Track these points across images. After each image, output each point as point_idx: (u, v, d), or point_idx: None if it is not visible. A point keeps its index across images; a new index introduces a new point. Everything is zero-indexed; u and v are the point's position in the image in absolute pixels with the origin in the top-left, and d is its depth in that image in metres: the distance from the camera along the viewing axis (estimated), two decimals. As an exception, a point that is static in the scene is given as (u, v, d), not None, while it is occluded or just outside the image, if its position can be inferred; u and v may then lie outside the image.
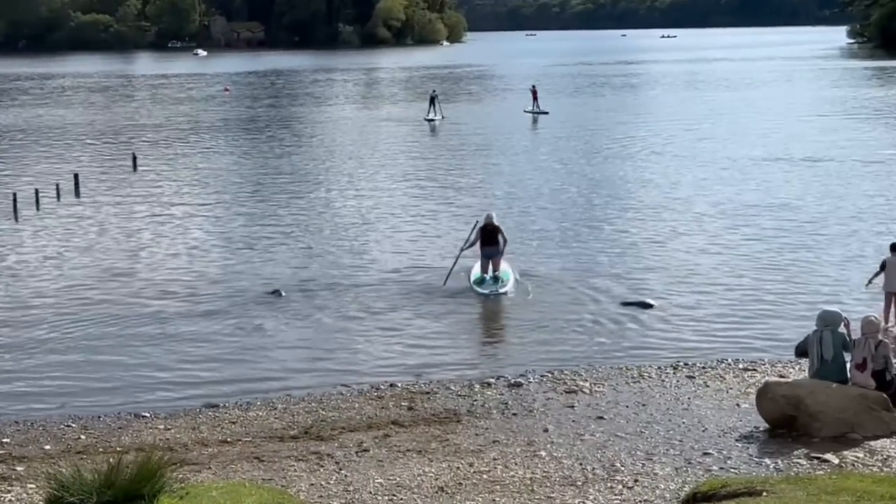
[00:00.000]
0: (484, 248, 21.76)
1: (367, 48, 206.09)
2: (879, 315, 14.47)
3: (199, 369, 17.04)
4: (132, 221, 29.86)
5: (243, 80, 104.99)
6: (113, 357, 17.69)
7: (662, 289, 21.36)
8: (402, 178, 37.77)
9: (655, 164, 39.31)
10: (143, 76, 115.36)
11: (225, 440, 13.58)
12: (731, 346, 17.73)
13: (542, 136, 50.91)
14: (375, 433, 13.54)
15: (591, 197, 32.45)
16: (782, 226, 27.29)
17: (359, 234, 27.56)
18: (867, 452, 12.23)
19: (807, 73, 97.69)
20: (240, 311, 20.32)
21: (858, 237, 25.78)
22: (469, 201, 32.27)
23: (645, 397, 14.88)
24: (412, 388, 15.76)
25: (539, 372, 16.31)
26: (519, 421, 13.96)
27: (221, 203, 32.89)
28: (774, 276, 22.27)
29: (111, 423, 14.53)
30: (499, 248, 21.74)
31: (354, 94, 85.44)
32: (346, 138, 51.13)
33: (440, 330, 19.02)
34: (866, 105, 62.44)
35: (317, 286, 22.09)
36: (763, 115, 57.73)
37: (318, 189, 35.25)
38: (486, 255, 21.71)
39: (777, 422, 13.11)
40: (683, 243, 25.66)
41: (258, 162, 42.87)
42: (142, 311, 20.52)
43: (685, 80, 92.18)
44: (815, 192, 32.33)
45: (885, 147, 42.74)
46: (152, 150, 46.61)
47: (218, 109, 69.78)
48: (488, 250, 21.68)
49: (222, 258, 25.13)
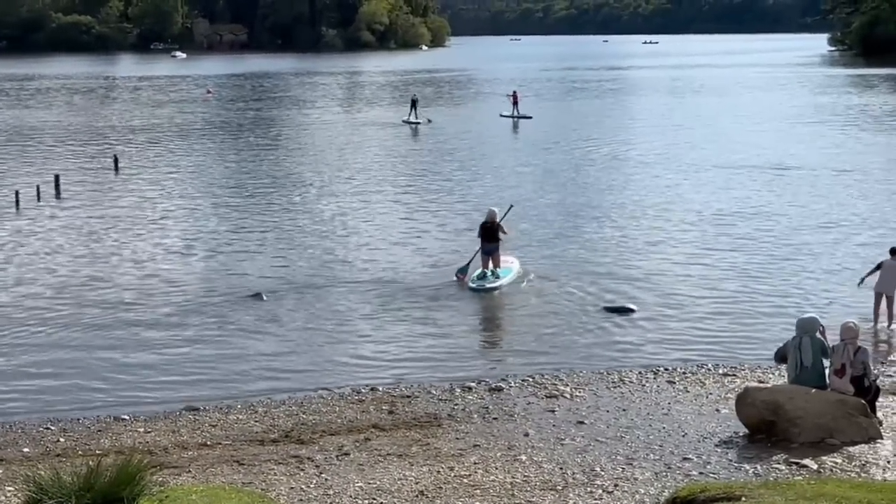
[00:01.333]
0: (483, 245, 22.42)
1: (351, 51, 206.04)
2: (857, 322, 14.49)
3: (179, 372, 16.99)
4: (113, 223, 29.74)
5: (226, 82, 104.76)
6: (92, 360, 17.63)
7: (643, 294, 21.42)
8: (383, 181, 37.79)
9: (636, 170, 39.43)
10: (125, 78, 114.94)
11: (205, 443, 13.55)
12: (712, 351, 17.80)
13: (523, 140, 51.00)
14: (356, 437, 13.54)
15: (572, 202, 32.51)
16: (762, 232, 27.40)
17: (340, 238, 27.55)
18: (845, 458, 12.30)
19: (788, 80, 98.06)
20: (221, 314, 20.27)
21: (837, 244, 25.91)
22: (450, 205, 32.35)
23: (625, 402, 14.92)
24: (393, 391, 15.76)
25: (520, 376, 16.33)
26: (500, 425, 13.98)
27: (203, 206, 32.81)
28: (754, 281, 22.36)
29: (90, 426, 14.48)
30: (497, 245, 22.32)
31: (336, 97, 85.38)
32: (328, 141, 51.12)
33: (421, 334, 19.03)
34: (846, 113, 62.72)
35: (298, 289, 22.07)
36: (743, 121, 57.93)
37: (300, 192, 35.21)
38: (486, 251, 22.40)
39: (756, 427, 13.17)
40: (664, 249, 25.74)
41: (240, 165, 42.81)
42: (122, 313, 20.44)
43: (666, 87, 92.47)
44: (794, 199, 32.47)
45: (863, 154, 42.99)
46: (134, 153, 46.46)
47: (200, 112, 69.61)
48: (487, 246, 22.35)
49: (203, 261, 25.08)
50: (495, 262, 22.42)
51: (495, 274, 22.30)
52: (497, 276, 22.26)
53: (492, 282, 22.09)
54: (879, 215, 29.51)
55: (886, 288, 18.89)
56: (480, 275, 22.34)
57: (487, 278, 22.18)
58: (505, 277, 22.36)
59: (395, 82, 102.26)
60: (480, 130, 55.66)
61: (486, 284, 21.98)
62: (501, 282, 22.15)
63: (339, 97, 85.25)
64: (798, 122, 56.67)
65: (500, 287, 22.01)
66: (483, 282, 22.10)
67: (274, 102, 78.50)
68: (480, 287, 21.95)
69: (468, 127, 57.71)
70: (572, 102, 75.64)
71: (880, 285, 18.94)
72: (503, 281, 22.22)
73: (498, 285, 22.02)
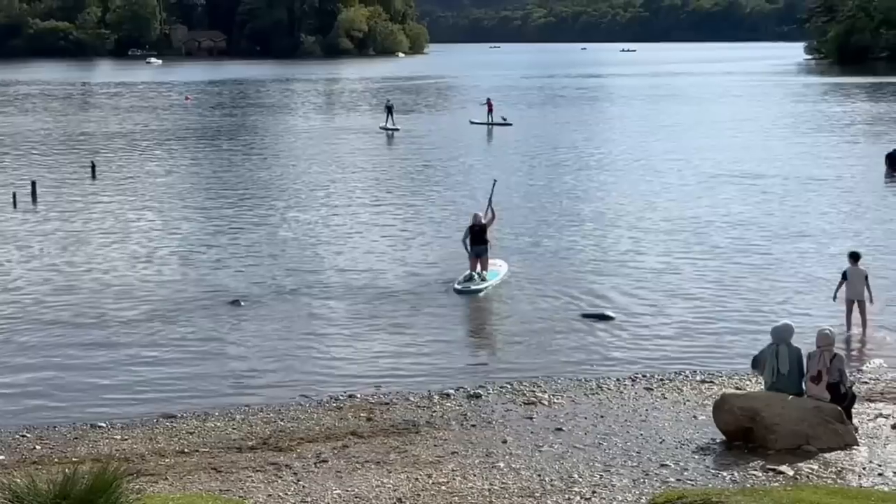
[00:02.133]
0: (472, 247, 22.83)
1: (329, 58, 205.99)
2: (832, 329, 14.56)
3: (156, 379, 16.92)
4: (90, 230, 29.63)
5: (204, 89, 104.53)
6: (68, 367, 17.54)
7: (621, 301, 21.48)
8: (360, 188, 37.84)
9: (613, 178, 39.54)
10: (103, 84, 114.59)
11: (182, 451, 13.49)
12: (689, 358, 17.85)
13: (500, 147, 51.01)
14: (334, 444, 13.51)
15: (550, 209, 32.56)
16: (738, 241, 27.51)
17: (318, 245, 27.51)
18: (822, 464, 12.35)
19: (765, 88, 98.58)
20: (198, 321, 20.21)
21: (812, 253, 26.02)
22: (427, 212, 32.39)
23: (603, 409, 14.95)
24: (371, 398, 15.74)
25: (498, 383, 16.34)
26: (478, 432, 13.98)
27: (181, 212, 32.71)
28: (731, 289, 22.44)
29: (66, 434, 14.39)
30: (486, 246, 22.84)
31: (314, 103, 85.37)
32: (305, 148, 51.13)
33: (400, 341, 19.01)
34: (821, 121, 63.09)
35: (276, 296, 22.03)
36: (720, 130, 58.26)
37: (277, 198, 35.15)
38: (475, 253, 22.79)
39: (733, 434, 13.21)
40: (642, 256, 25.81)
41: (217, 172, 42.70)
42: (98, 320, 20.36)
43: (643, 95, 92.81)
44: (770, 207, 32.62)
45: (837, 163, 43.24)
46: (112, 159, 46.29)
47: (178, 118, 69.44)
48: (476, 248, 22.78)
49: (181, 267, 24.99)
50: (483, 264, 22.72)
51: (482, 276, 22.56)
52: (483, 279, 22.49)
53: (477, 284, 22.34)
54: (850, 225, 29.68)
55: (856, 294, 19.14)
56: (467, 276, 22.65)
57: (474, 280, 22.45)
58: (491, 280, 22.61)
59: (373, 89, 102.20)
60: (456, 137, 55.85)
61: (472, 286, 22.26)
62: (487, 284, 22.40)
63: (317, 104, 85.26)
64: (774, 131, 56.97)
65: (486, 289, 22.24)
66: (469, 283, 22.38)
67: (251, 109, 78.39)
68: (465, 289, 22.20)
69: (443, 133, 57.93)
70: (551, 110, 75.78)
71: (850, 293, 19.19)
72: (489, 283, 22.46)
73: (483, 287, 22.27)
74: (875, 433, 13.49)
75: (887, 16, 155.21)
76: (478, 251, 22.75)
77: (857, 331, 19.10)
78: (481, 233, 22.81)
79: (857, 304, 19.15)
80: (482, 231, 22.83)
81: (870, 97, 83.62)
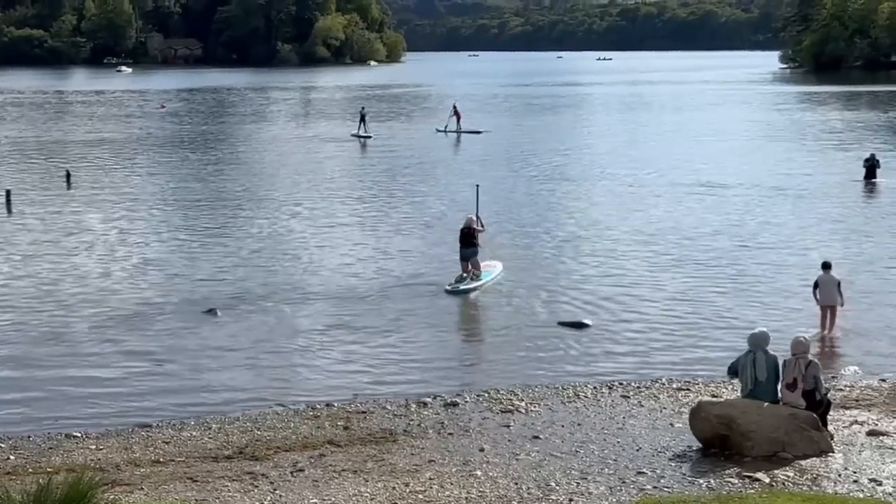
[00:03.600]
0: (461, 250, 23.38)
1: (306, 66, 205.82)
2: (807, 337, 14.65)
3: (131, 388, 16.84)
4: (65, 238, 29.47)
5: (179, 97, 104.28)
6: (43, 376, 17.43)
7: (598, 309, 21.51)
8: (333, 195, 37.86)
9: (588, 187, 39.63)
10: (78, 92, 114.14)
11: (158, 460, 13.43)
12: (666, 365, 17.91)
13: (472, 155, 51.03)
14: (311, 453, 13.48)
15: (526, 218, 32.57)
16: (715, 249, 27.62)
17: (294, 252, 27.45)
18: (797, 471, 12.40)
19: (740, 97, 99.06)
20: (175, 330, 20.13)
21: (789, 260, 26.16)
22: (402, 219, 32.44)
23: (580, 417, 14.97)
24: (348, 407, 15.72)
25: (475, 391, 16.35)
26: (455, 440, 13.98)
27: (156, 220, 32.59)
28: (707, 297, 22.53)
29: (41, 443, 14.30)
30: (475, 249, 23.33)
31: (289, 112, 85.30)
32: (280, 156, 51.15)
33: (377, 349, 18.98)
34: (798, 129, 63.45)
35: (252, 305, 21.97)
36: (697, 139, 58.50)
37: (252, 207, 35.07)
38: (463, 256, 23.38)
39: (710, 441, 13.25)
40: (618, 264, 25.85)
41: (192, 180, 42.57)
42: (73, 329, 20.25)
43: (619, 103, 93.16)
44: (746, 216, 32.75)
45: (815, 171, 43.47)
46: (87, 167, 46.09)
47: (153, 126, 69.21)
48: (465, 252, 23.32)
49: (157, 276, 24.88)
50: (473, 265, 23.27)
51: (475, 276, 23.16)
52: (474, 278, 23.07)
53: (468, 284, 22.92)
54: (827, 233, 29.90)
55: (829, 300, 19.64)
56: (458, 278, 23.21)
57: (464, 280, 23.06)
58: (485, 279, 23.24)
59: (349, 98, 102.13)
60: (427, 145, 56.19)
61: (461, 286, 22.79)
62: (479, 283, 23.00)
63: (291, 112, 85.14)
64: (751, 140, 57.20)
65: (477, 288, 22.82)
66: (459, 284, 22.92)
67: (226, 117, 78.24)
68: (456, 289, 22.76)
69: (416, 141, 58.19)
70: (526, 118, 75.85)
71: (824, 299, 19.69)
72: (481, 283, 23.07)
73: (474, 286, 22.85)
74: (850, 440, 13.56)
75: (861, 25, 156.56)
76: (465, 254, 23.27)
77: (833, 334, 19.43)
78: (469, 236, 23.30)
79: (830, 309, 19.61)
80: (470, 234, 23.31)
81: (845, 105, 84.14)
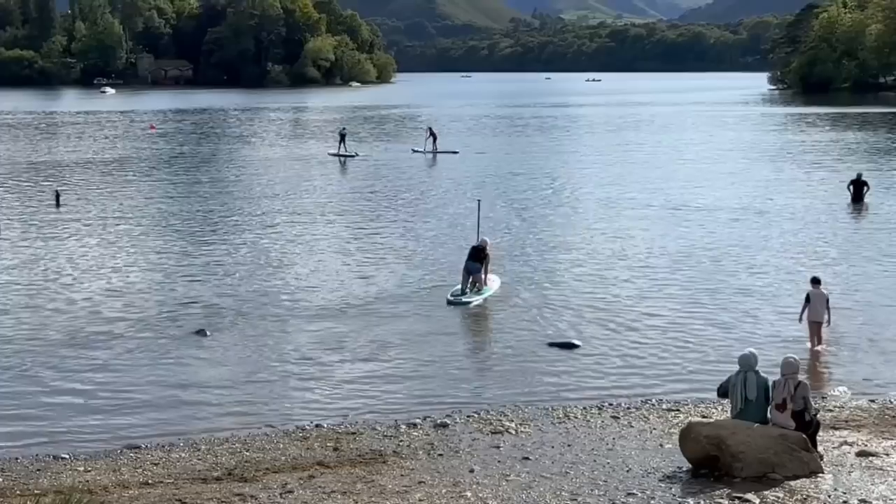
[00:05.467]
0: (468, 263, 24.44)
1: (296, 87, 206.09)
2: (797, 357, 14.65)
3: (120, 410, 16.77)
4: (55, 259, 29.39)
5: (169, 118, 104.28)
6: (31, 398, 17.36)
7: (587, 329, 21.53)
8: (319, 214, 38.10)
9: (578, 208, 39.68)
10: (68, 113, 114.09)
11: (146, 482, 13.37)
12: (655, 386, 17.92)
13: (448, 174, 51.31)
14: (300, 474, 13.43)
15: (514, 240, 32.56)
16: (704, 270, 27.68)
17: (281, 273, 27.42)
18: (787, 492, 12.39)
19: (730, 118, 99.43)
20: (164, 351, 20.08)
21: (778, 281, 26.22)
22: (386, 237, 32.63)
23: (570, 438, 14.95)
24: (338, 428, 15.68)
25: (465, 412, 16.32)
26: (445, 461, 13.94)
27: (145, 241, 32.53)
28: (697, 318, 22.55)
29: (29, 465, 14.23)
30: (480, 266, 24.39)
31: (277, 132, 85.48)
32: (267, 176, 51.24)
33: (366, 369, 18.96)
34: (786, 150, 63.70)
35: (241, 325, 21.93)
36: (687, 160, 58.69)
37: (241, 228, 35.05)
38: (467, 269, 24.39)
39: (700, 462, 13.24)
40: (607, 285, 25.88)
41: (181, 200, 42.51)
42: (61, 350, 20.17)
43: (610, 124, 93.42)
44: (735, 237, 32.85)
45: (803, 192, 43.64)
46: (76, 188, 46.02)
47: (143, 147, 69.19)
48: (470, 265, 24.38)
49: (145, 297, 24.82)
50: (477, 280, 24.29)
51: (477, 290, 24.20)
52: (476, 292, 24.15)
53: (468, 297, 23.86)
54: (815, 253, 29.98)
55: (817, 316, 19.83)
56: (458, 291, 24.23)
57: (465, 294, 24.09)
58: (484, 294, 24.11)
59: (338, 118, 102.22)
60: (410, 164, 56.81)
61: (463, 299, 23.87)
62: (479, 298, 23.94)
63: (279, 132, 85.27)
64: (741, 161, 57.42)
65: (476, 302, 23.79)
66: (460, 296, 23.98)
67: (215, 138, 78.27)
68: (457, 301, 23.65)
69: (398, 161, 58.82)
70: (516, 139, 75.99)
71: (812, 314, 19.87)
72: (482, 296, 24.00)
73: (474, 300, 23.80)
74: (840, 461, 13.56)
75: (849, 47, 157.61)
76: (471, 268, 24.29)
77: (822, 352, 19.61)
78: (480, 252, 24.42)
79: (817, 325, 19.81)
80: (479, 252, 24.41)
81: (832, 127, 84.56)
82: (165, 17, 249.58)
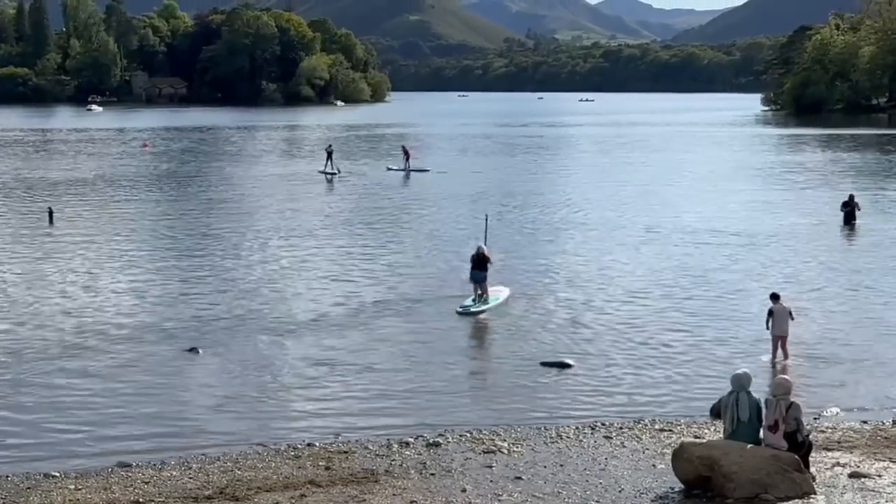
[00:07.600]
0: (473, 272, 25.09)
1: (291, 106, 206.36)
2: (788, 377, 14.68)
3: (111, 428, 16.72)
4: (48, 276, 29.35)
5: (163, 136, 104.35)
6: (21, 415, 17.30)
7: (580, 349, 21.52)
8: (308, 231, 38.23)
9: (571, 228, 39.74)
10: (62, 130, 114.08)
11: (137, 500, 13.31)
12: (648, 406, 17.91)
13: (431, 192, 51.77)
14: (292, 493, 13.39)
15: (506, 261, 32.54)
16: (696, 291, 27.70)
17: (273, 291, 27.40)
18: (780, 513, 12.38)
19: (723, 139, 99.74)
20: (156, 369, 20.03)
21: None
22: (376, 254, 32.68)
23: (563, 458, 14.93)
24: (330, 447, 15.64)
25: (458, 431, 16.29)
26: (437, 481, 13.91)
27: (138, 259, 32.50)
28: (690, 338, 22.56)
29: (19, 483, 14.16)
30: (485, 274, 24.96)
31: (269, 150, 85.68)
32: (257, 193, 51.41)
33: (358, 388, 18.92)
34: (779, 172, 63.89)
35: (233, 343, 21.89)
36: (680, 182, 58.84)
37: (233, 245, 35.01)
38: (473, 278, 25.06)
39: (692, 482, 13.22)
40: (600, 305, 25.88)
41: (174, 218, 42.51)
42: (53, 367, 20.11)
43: (603, 145, 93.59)
44: (728, 258, 32.89)
45: (795, 213, 43.74)
46: (70, 205, 45.98)
47: (136, 165, 69.21)
48: (476, 274, 24.98)
49: (138, 315, 24.78)
50: (482, 289, 24.84)
51: (484, 300, 24.78)
52: (485, 302, 24.75)
53: (477, 307, 24.39)
54: (807, 274, 30.06)
55: (781, 331, 20.42)
56: (473, 299, 24.85)
57: (474, 304, 24.68)
58: (493, 303, 24.67)
59: (328, 137, 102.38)
60: (396, 182, 57.53)
61: (472, 309, 24.47)
62: (487, 307, 24.48)
63: (271, 150, 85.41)
64: (733, 182, 57.58)
65: (486, 311, 24.44)
66: (469, 306, 24.57)
67: (208, 156, 78.33)
68: (466, 311, 24.24)
69: (383, 178, 59.48)
70: (506, 158, 76.10)
71: (776, 329, 20.47)
72: (489, 306, 24.56)
73: (483, 309, 24.35)
74: (832, 482, 13.55)
75: (842, 68, 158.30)
76: (478, 277, 24.86)
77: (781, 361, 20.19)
78: (480, 261, 24.92)
79: (781, 339, 20.41)
80: (481, 259, 24.92)
81: (825, 148, 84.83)
82: (160, 35, 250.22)
